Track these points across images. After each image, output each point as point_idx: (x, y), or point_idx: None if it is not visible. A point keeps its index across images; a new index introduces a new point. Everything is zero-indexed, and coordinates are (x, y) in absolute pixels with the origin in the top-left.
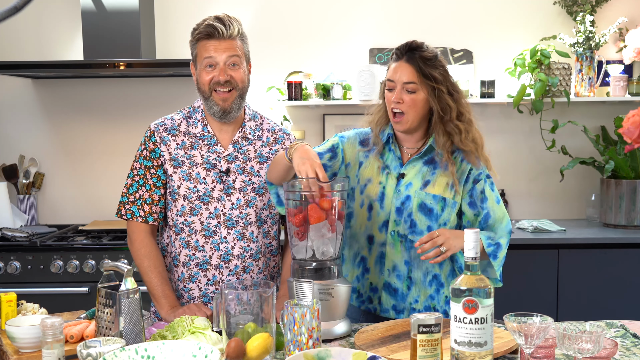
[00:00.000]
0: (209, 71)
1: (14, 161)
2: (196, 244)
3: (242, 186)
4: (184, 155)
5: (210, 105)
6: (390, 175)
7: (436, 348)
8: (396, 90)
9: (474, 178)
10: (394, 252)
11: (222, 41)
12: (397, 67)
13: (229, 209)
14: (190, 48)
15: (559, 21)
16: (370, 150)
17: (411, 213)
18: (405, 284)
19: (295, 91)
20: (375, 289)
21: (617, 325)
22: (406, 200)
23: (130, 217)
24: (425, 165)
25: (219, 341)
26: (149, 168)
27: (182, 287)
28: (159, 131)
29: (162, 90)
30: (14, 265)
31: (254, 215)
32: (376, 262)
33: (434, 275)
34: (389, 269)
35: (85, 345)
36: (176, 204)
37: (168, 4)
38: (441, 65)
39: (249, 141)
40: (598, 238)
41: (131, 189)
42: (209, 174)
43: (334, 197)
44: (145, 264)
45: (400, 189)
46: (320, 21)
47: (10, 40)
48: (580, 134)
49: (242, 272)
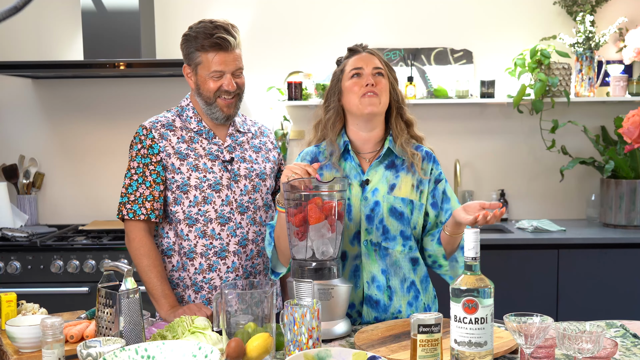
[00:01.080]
0: (216, 80)
1: (14, 161)
2: (212, 232)
3: (247, 173)
4: (187, 147)
5: (213, 111)
6: (352, 185)
7: (436, 348)
8: (366, 73)
9: (435, 178)
10: (370, 262)
11: (229, 53)
12: (360, 57)
13: (239, 195)
14: (188, 51)
15: (559, 21)
16: (325, 166)
17: (382, 219)
18: (386, 294)
19: (295, 91)
20: (352, 305)
21: (617, 325)
22: (375, 207)
23: (132, 216)
24: (387, 170)
25: (219, 341)
26: (147, 165)
27: (202, 278)
28: (157, 128)
29: (162, 90)
30: (14, 265)
31: (261, 200)
32: (350, 277)
33: (411, 281)
34: (367, 282)
35: (85, 345)
36: (188, 195)
37: (168, 4)
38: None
39: (242, 133)
40: (598, 238)
41: (130, 189)
42: (214, 164)
43: (333, 199)
44: (144, 262)
45: (367, 196)
46: (320, 21)
47: (10, 40)
48: (580, 134)
49: (257, 257)
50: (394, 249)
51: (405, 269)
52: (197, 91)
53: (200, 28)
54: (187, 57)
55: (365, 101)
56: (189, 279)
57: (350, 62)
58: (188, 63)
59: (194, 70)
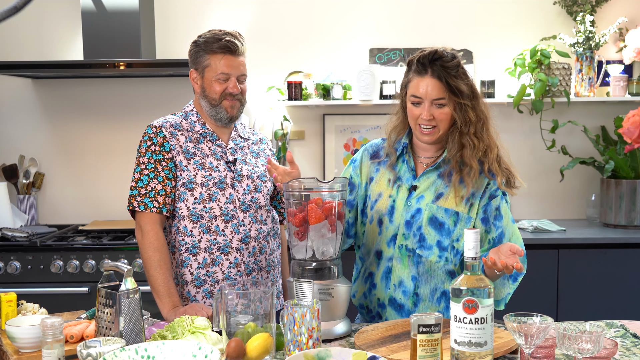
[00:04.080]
0: (222, 83)
1: (14, 161)
2: (217, 229)
3: (249, 174)
4: (194, 147)
5: (218, 111)
6: (402, 187)
7: (436, 348)
8: (425, 106)
9: (491, 193)
10: (401, 266)
11: (236, 58)
12: (422, 82)
13: (242, 194)
14: (197, 56)
15: (559, 21)
16: (382, 162)
17: (421, 227)
18: (412, 300)
19: (295, 91)
20: (382, 304)
21: (617, 325)
22: (416, 214)
23: (144, 208)
24: (439, 178)
25: (219, 341)
26: (160, 161)
27: (205, 272)
28: (166, 127)
29: (162, 90)
30: (14, 265)
31: (263, 200)
32: (382, 277)
33: (443, 291)
34: (394, 284)
35: (85, 345)
36: (193, 193)
37: (168, 4)
38: (464, 74)
39: (243, 139)
40: (598, 238)
41: (140, 182)
42: (220, 163)
43: (333, 199)
44: (156, 257)
45: (411, 202)
46: (320, 21)
47: (10, 40)
48: (580, 134)
49: (259, 254)
50: (429, 258)
51: (438, 278)
52: (202, 94)
53: (210, 34)
54: (195, 62)
55: (422, 131)
56: (190, 274)
57: (412, 85)
58: (195, 67)
59: (201, 73)
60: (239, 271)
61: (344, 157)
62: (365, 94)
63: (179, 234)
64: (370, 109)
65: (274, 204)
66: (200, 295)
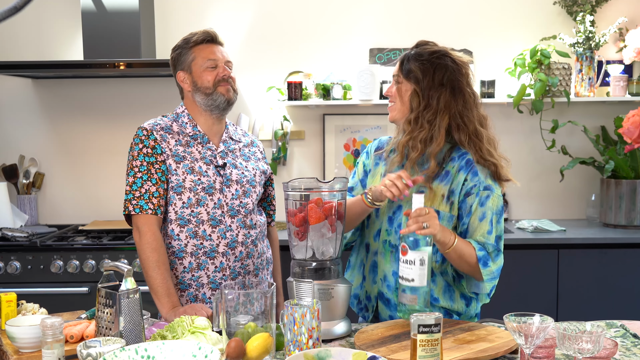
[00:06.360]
0: (211, 70)
1: (14, 161)
2: (203, 234)
3: (238, 178)
4: (184, 151)
5: (215, 99)
6: None
7: (436, 348)
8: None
9: (467, 190)
10: (384, 261)
11: (218, 46)
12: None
13: (230, 199)
14: (180, 56)
15: (559, 21)
16: (381, 156)
17: (401, 224)
18: (395, 295)
19: (295, 91)
20: (369, 297)
21: (617, 325)
22: (397, 210)
23: (140, 211)
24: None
25: (219, 341)
26: (153, 164)
27: (190, 276)
28: (156, 129)
29: (162, 90)
30: (14, 265)
31: (252, 204)
32: (370, 270)
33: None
34: (380, 279)
35: (85, 345)
36: (182, 197)
37: (168, 4)
38: (427, 61)
39: (235, 141)
40: (598, 238)
41: (135, 186)
42: (209, 168)
43: (333, 199)
44: (154, 257)
45: None
46: (320, 21)
47: (10, 40)
48: (580, 134)
49: (246, 258)
50: None
51: None
52: (195, 89)
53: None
54: (180, 63)
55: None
56: (175, 277)
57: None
58: (181, 68)
59: (188, 70)
60: (224, 275)
61: (344, 157)
62: (365, 94)
63: (166, 237)
64: (370, 109)
65: (264, 205)
66: (185, 299)
